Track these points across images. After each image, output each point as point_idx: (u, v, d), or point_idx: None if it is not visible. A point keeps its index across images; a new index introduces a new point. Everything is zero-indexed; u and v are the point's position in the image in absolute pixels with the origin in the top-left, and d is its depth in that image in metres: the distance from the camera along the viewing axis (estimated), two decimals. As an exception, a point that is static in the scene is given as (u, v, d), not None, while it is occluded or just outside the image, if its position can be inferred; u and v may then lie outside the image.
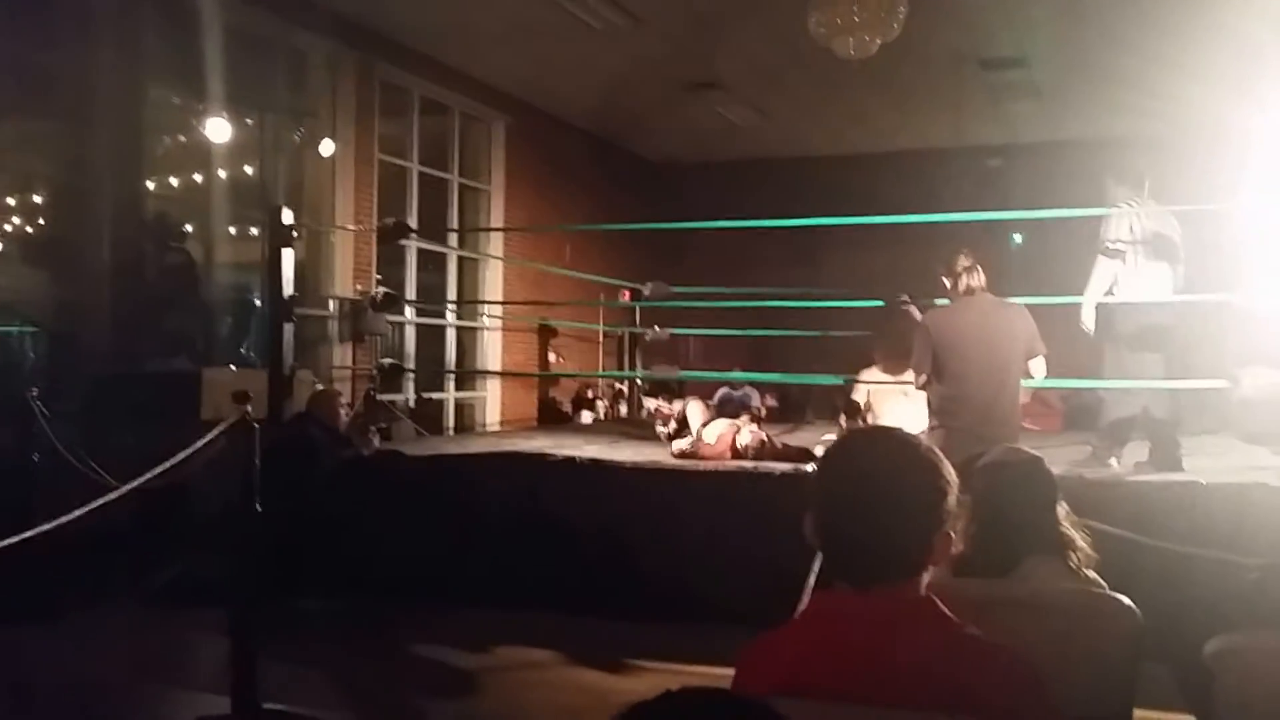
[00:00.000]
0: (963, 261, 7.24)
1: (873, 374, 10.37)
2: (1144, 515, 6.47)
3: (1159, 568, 5.83)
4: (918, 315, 10.24)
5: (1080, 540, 3.77)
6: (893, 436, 2.41)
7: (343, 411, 9.42)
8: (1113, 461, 8.10)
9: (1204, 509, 6.62)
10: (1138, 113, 14.53)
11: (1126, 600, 3.21)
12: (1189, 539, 6.22)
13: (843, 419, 10.51)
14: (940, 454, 2.29)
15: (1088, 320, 8.33)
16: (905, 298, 10.25)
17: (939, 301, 7.75)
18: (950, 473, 2.26)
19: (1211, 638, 2.90)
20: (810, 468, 7.58)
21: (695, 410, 9.83)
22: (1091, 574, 3.71)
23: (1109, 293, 8.35)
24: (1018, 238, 16.77)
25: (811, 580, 4.93)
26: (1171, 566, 5.96)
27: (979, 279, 7.17)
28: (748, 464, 8.38)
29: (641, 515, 7.92)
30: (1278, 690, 2.74)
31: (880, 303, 10.43)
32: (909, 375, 10.13)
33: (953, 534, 2.25)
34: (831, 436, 9.40)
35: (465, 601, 7.75)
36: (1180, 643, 3.28)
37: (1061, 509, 3.84)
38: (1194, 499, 6.76)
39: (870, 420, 9.90)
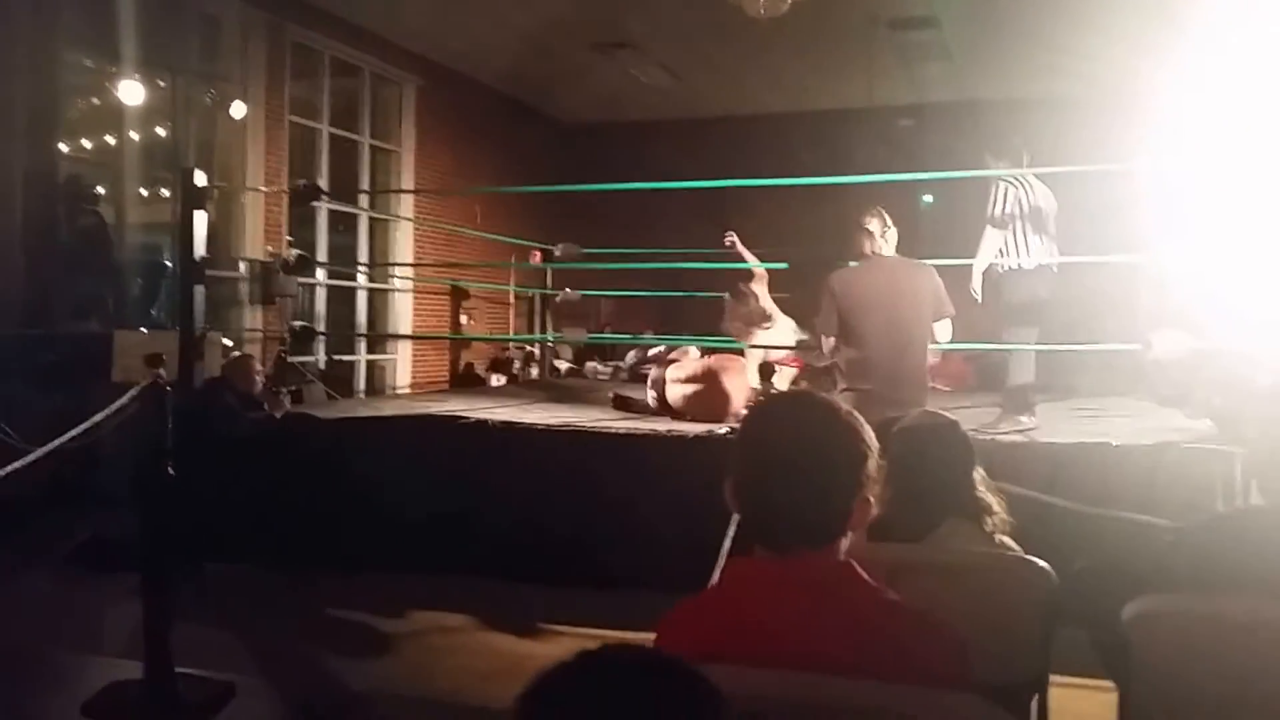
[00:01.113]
0: (870, 222, 7.25)
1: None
2: (1057, 477, 6.53)
3: (1073, 530, 5.86)
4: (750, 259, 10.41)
5: (996, 504, 3.81)
6: (813, 400, 2.41)
7: (258, 378, 9.35)
8: (1023, 419, 8.18)
9: (1117, 471, 6.68)
10: (1048, 72, 14.62)
11: (1041, 563, 3.24)
12: (1102, 501, 6.27)
13: (757, 381, 10.56)
14: (860, 418, 2.30)
15: (976, 287, 8.42)
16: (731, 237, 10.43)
17: (853, 264, 7.77)
18: (871, 437, 2.27)
19: (1128, 602, 2.93)
20: (725, 430, 7.63)
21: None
22: (1007, 539, 3.75)
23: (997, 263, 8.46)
24: (928, 198, 16.85)
25: (727, 545, 4.96)
26: (1086, 529, 5.99)
27: (887, 240, 7.17)
28: (661, 427, 8.38)
29: (554, 478, 7.90)
30: (1195, 654, 2.77)
31: (784, 265, 10.49)
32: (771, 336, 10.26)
33: (871, 499, 2.26)
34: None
35: (378, 565, 7.72)
36: (1097, 607, 3.32)
37: (978, 473, 3.88)
38: (1106, 461, 6.82)
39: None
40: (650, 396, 9.81)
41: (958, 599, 2.92)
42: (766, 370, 10.25)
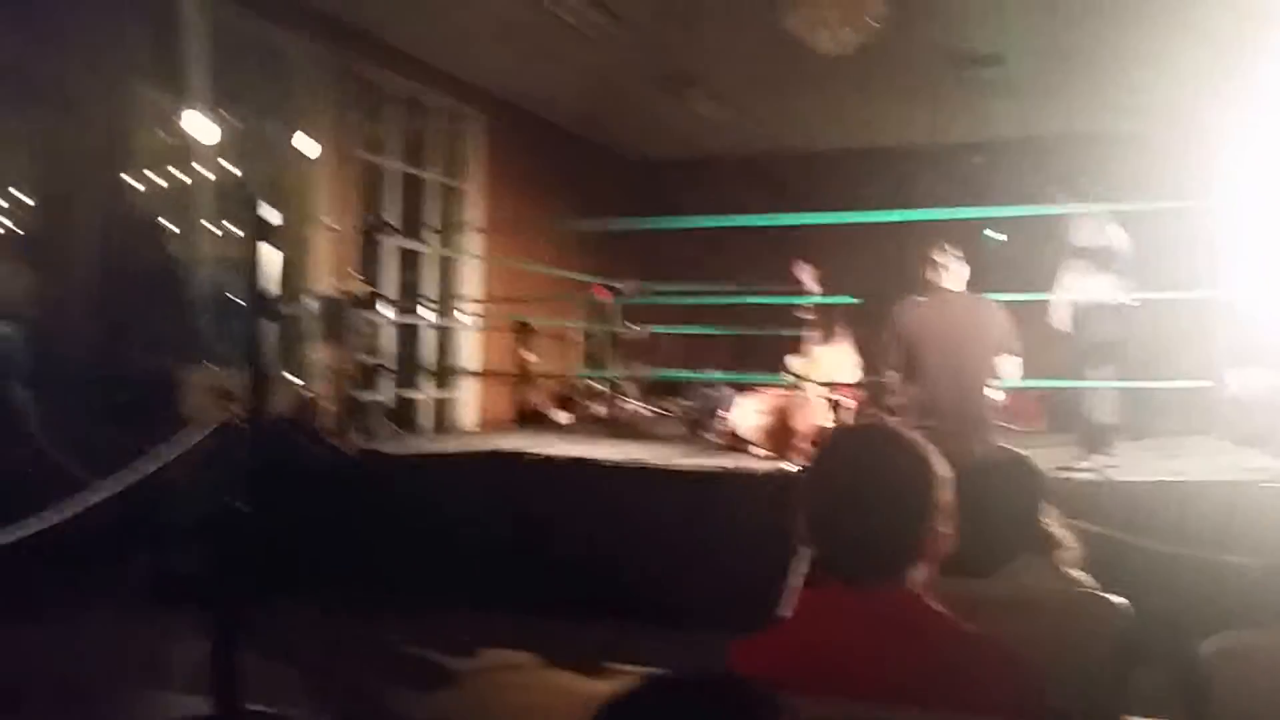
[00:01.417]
0: (937, 257, 7.18)
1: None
2: (1133, 516, 6.43)
3: (1150, 569, 5.77)
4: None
5: (1068, 539, 3.75)
6: (884, 431, 2.41)
7: (328, 416, 9.34)
8: (1102, 458, 8.07)
9: (1194, 510, 6.58)
10: (1117, 108, 14.57)
11: (1116, 598, 3.19)
12: (1179, 540, 6.18)
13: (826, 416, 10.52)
14: (931, 449, 2.28)
15: (1059, 319, 8.33)
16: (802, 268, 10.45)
17: (919, 299, 7.72)
18: (942, 468, 2.26)
19: (1205, 639, 2.89)
20: (794, 468, 7.59)
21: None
22: (1079, 574, 3.69)
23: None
24: (996, 235, 16.72)
25: (792, 578, 4.92)
26: (1163, 568, 5.91)
27: (954, 275, 7.09)
28: (729, 463, 8.35)
29: (621, 515, 7.88)
30: (1275, 690, 2.73)
31: (853, 299, 10.46)
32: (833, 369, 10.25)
33: (944, 530, 2.25)
34: None
35: (445, 602, 7.71)
36: (1173, 646, 3.27)
37: (1048, 508, 3.82)
38: (1184, 500, 6.71)
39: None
40: (723, 427, 9.81)
41: (1032, 635, 2.87)
42: (837, 405, 10.25)
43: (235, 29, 12.04)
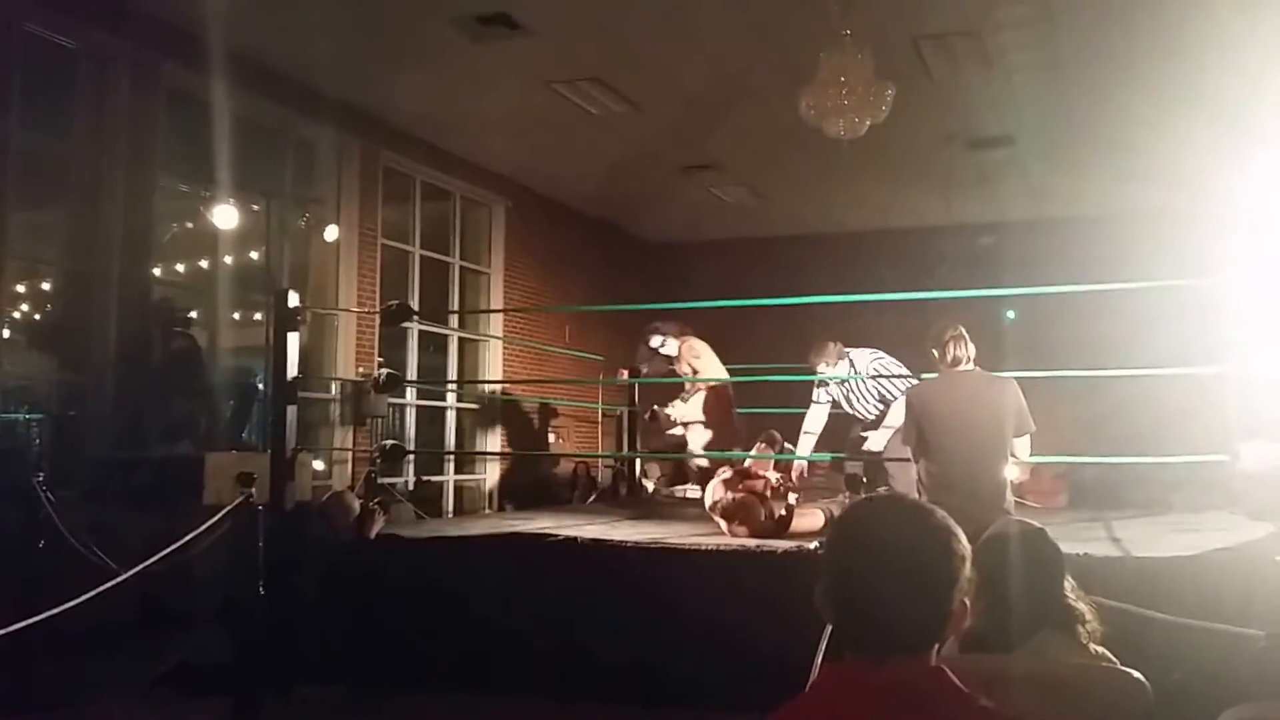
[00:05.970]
0: (949, 333, 7.17)
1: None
2: (1151, 591, 6.40)
3: (1168, 643, 5.75)
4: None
5: (1088, 613, 3.76)
6: (905, 504, 2.40)
7: (355, 507, 9.27)
8: None
9: (1212, 585, 6.55)
10: (1127, 185, 14.66)
11: (1137, 674, 3.20)
12: (1197, 615, 6.15)
13: (845, 495, 10.48)
14: (953, 522, 2.28)
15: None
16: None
17: (925, 376, 7.74)
18: (964, 541, 2.25)
19: (1223, 711, 2.91)
20: (814, 546, 7.57)
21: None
22: (1100, 649, 3.69)
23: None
24: (1011, 314, 16.75)
25: (819, 657, 4.93)
26: (1181, 641, 5.89)
27: (965, 352, 7.09)
28: (751, 543, 8.32)
29: (645, 596, 7.85)
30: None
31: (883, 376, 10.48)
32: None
33: (967, 603, 2.24)
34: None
35: (469, 687, 7.69)
36: (1193, 718, 3.27)
37: (1068, 582, 3.83)
38: (1200, 575, 6.69)
39: None
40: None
41: (1053, 710, 2.90)
42: (854, 483, 10.20)
43: (264, 121, 12.20)
